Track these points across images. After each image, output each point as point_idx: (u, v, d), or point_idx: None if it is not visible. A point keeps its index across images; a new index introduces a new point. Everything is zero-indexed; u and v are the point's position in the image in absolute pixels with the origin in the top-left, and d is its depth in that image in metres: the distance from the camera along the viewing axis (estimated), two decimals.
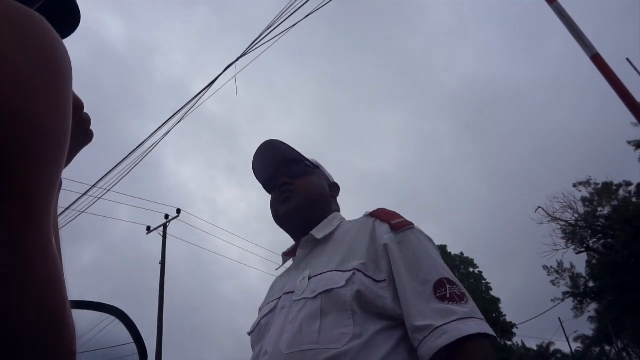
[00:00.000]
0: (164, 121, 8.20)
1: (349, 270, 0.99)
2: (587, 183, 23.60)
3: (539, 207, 22.13)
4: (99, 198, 9.90)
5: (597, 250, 22.65)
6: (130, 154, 8.90)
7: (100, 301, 0.74)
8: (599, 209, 22.79)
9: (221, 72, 7.03)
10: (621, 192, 22.66)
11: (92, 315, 0.72)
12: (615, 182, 22.81)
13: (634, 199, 21.92)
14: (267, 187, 1.32)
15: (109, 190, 9.49)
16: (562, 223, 22.32)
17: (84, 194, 9.80)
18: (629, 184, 22.46)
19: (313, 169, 1.29)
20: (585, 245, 22.92)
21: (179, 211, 14.65)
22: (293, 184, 1.22)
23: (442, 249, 29.77)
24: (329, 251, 1.11)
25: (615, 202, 22.22)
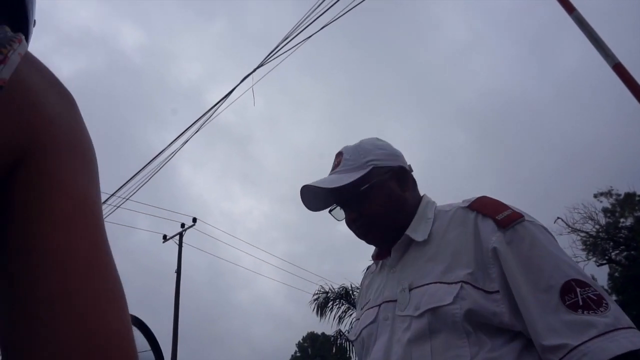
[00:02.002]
0: (182, 131, 8.33)
1: (456, 283, 0.87)
2: (608, 194, 23.03)
3: (558, 218, 21.65)
4: (118, 207, 10.06)
5: (620, 263, 22.03)
6: (148, 163, 9.07)
7: None
8: (621, 220, 22.20)
9: (238, 82, 7.14)
10: None
11: None
12: (638, 192, 22.22)
13: None
14: (334, 216, 1.15)
15: (127, 199, 9.65)
16: (583, 234, 21.77)
17: (103, 202, 9.96)
18: None
19: (371, 182, 1.04)
20: (607, 257, 22.29)
21: (194, 220, 14.80)
22: (362, 216, 1.05)
23: None
24: (428, 253, 0.98)
25: (638, 213, 21.64)
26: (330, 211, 1.14)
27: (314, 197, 1.11)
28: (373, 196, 1.04)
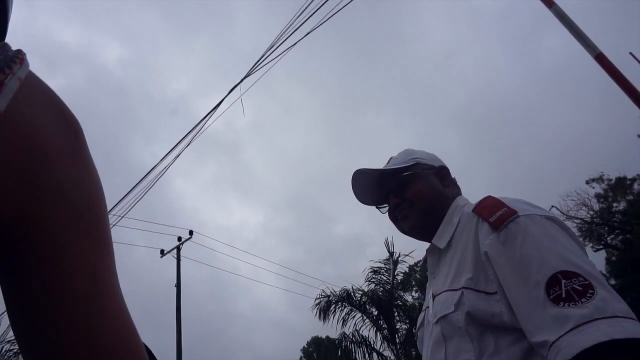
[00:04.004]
0: (173, 145, 8.33)
1: (458, 289, 0.92)
2: (599, 179, 23.28)
3: (552, 206, 21.83)
4: (114, 225, 10.00)
5: (616, 247, 22.25)
6: (142, 179, 9.04)
7: None
8: (614, 204, 22.44)
9: (227, 93, 7.16)
10: (635, 186, 22.32)
11: None
12: (629, 176, 22.48)
13: None
14: (380, 209, 1.26)
15: (122, 217, 9.61)
16: (577, 221, 21.98)
17: None
18: None
19: (415, 171, 1.15)
20: (603, 242, 22.51)
21: (191, 232, 14.74)
22: (404, 200, 1.13)
23: None
24: (447, 260, 1.04)
25: (630, 197, 21.88)
26: (377, 207, 1.26)
27: (363, 188, 1.23)
28: (415, 183, 1.14)
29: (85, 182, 0.33)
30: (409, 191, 1.13)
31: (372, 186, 1.22)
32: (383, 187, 1.20)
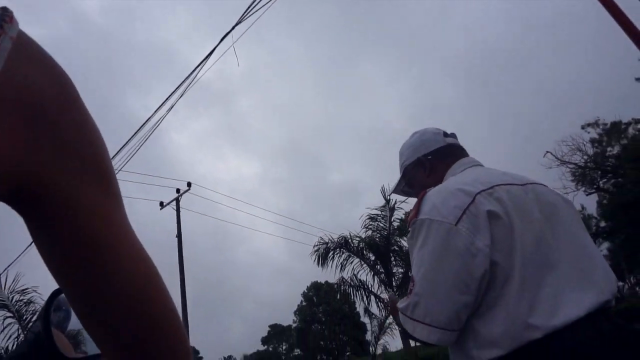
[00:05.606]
0: (166, 97, 8.18)
1: None
2: (595, 124, 23.25)
3: (547, 152, 21.97)
4: None
5: (608, 190, 22.62)
6: (137, 132, 8.95)
7: None
8: (608, 149, 22.57)
9: (218, 42, 6.94)
10: (630, 130, 22.34)
11: None
12: (624, 120, 22.43)
13: None
14: None
15: (120, 170, 9.61)
16: (571, 166, 22.20)
17: None
18: (638, 121, 22.09)
19: (406, 180, 1.45)
20: (595, 186, 22.88)
21: (189, 184, 14.83)
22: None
23: None
24: None
25: (624, 141, 21.96)
26: None
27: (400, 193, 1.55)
28: (414, 187, 1.42)
29: (87, 133, 0.34)
30: (413, 195, 1.41)
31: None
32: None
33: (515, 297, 0.93)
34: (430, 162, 1.35)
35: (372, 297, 12.87)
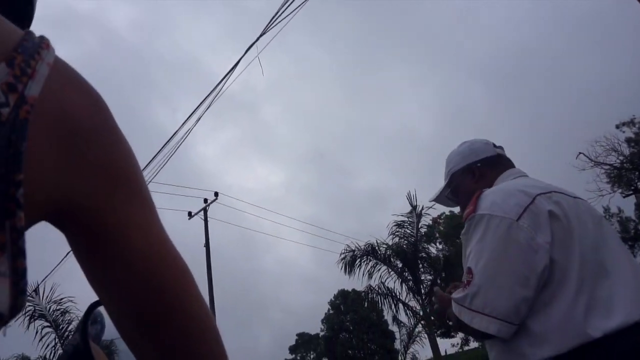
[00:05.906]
0: (193, 109, 8.37)
1: None
2: (631, 123, 22.34)
3: (580, 153, 21.24)
4: None
5: None
6: (166, 144, 9.19)
7: None
8: None
9: (243, 53, 7.06)
10: None
11: None
12: None
13: None
14: None
15: (149, 182, 9.86)
16: (606, 167, 21.37)
17: None
18: None
19: (451, 187, 1.45)
20: (633, 188, 21.93)
21: (216, 194, 15.07)
22: (461, 209, 1.39)
23: None
24: None
25: None
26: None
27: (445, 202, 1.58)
28: (459, 194, 1.43)
29: (121, 153, 0.36)
30: (459, 202, 1.44)
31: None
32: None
33: (572, 296, 0.93)
34: (480, 169, 1.37)
35: (401, 305, 12.71)
